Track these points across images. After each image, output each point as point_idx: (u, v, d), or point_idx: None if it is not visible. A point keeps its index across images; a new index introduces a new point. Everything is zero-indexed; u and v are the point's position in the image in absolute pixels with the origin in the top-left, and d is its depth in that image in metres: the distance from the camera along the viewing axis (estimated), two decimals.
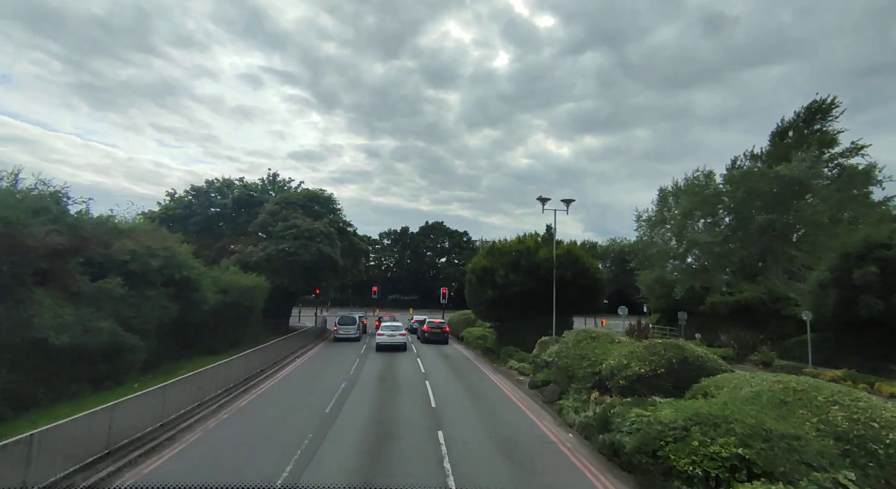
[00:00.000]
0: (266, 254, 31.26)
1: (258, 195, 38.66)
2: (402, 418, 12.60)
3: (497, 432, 11.45)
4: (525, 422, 12.62)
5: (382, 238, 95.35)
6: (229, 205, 37.85)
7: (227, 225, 37.33)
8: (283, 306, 35.36)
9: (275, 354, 21.89)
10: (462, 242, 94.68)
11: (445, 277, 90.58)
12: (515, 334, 23.79)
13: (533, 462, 9.56)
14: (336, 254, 33.49)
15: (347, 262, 36.66)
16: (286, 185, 40.31)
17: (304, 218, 33.90)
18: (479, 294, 24.25)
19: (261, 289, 26.18)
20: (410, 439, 10.74)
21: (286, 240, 32.13)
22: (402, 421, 12.33)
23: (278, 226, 32.92)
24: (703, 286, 33.06)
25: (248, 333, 25.54)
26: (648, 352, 12.43)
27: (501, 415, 13.24)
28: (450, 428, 11.67)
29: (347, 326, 32.73)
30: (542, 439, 11.07)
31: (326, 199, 37.58)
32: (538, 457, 9.82)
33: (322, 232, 32.81)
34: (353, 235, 38.90)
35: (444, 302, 48.86)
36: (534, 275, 23.27)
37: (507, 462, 9.46)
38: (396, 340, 27.24)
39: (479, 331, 31.65)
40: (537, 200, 23.79)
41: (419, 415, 12.99)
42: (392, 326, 28.08)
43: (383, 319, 38.55)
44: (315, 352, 26.95)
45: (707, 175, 37.94)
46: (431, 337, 32.29)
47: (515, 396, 16.58)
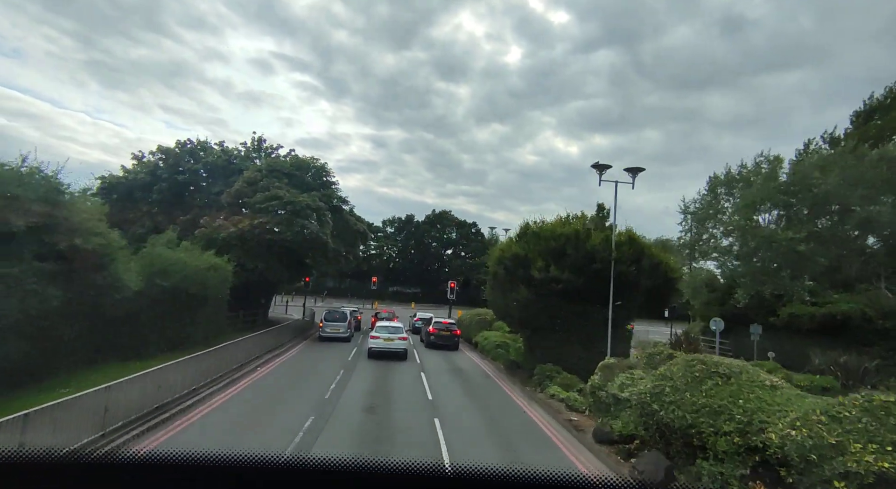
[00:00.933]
0: (238, 230, 25.20)
1: (239, 162, 32.56)
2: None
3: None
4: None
5: (385, 225, 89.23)
6: (202, 171, 31.78)
7: (199, 195, 31.29)
8: (260, 295, 29.32)
9: (224, 362, 15.88)
10: (470, 234, 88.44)
11: (452, 270, 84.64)
12: (555, 347, 17.71)
13: None
14: (326, 234, 27.38)
15: (340, 245, 30.57)
16: (274, 151, 34.15)
17: (289, 189, 27.79)
18: (507, 291, 18.13)
19: (221, 274, 20.14)
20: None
21: (265, 213, 26.05)
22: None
23: (256, 196, 26.83)
24: (775, 293, 26.78)
25: (200, 330, 19.54)
26: (886, 424, 6.29)
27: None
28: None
29: (335, 323, 26.68)
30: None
31: (318, 169, 31.41)
32: None
33: (309, 206, 26.69)
34: (348, 214, 32.77)
35: (452, 297, 42.79)
36: (584, 270, 17.11)
37: None
38: (395, 346, 21.21)
39: (496, 337, 25.58)
40: (592, 168, 17.57)
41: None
42: (390, 327, 22.01)
43: (380, 315, 32.47)
44: (287, 358, 20.91)
45: (773, 160, 31.61)
46: (438, 341, 26.25)
47: (575, 451, 10.56)
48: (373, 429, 11.16)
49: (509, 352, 22.63)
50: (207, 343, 18.40)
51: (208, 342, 18.87)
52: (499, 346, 23.73)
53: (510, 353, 22.44)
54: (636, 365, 13.15)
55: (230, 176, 30.89)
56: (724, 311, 31.55)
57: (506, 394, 16.36)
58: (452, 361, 22.87)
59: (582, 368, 17.35)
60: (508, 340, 24.53)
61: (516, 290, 17.60)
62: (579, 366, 17.39)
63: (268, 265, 25.48)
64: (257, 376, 16.50)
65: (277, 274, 26.13)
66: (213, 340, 19.85)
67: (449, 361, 22.78)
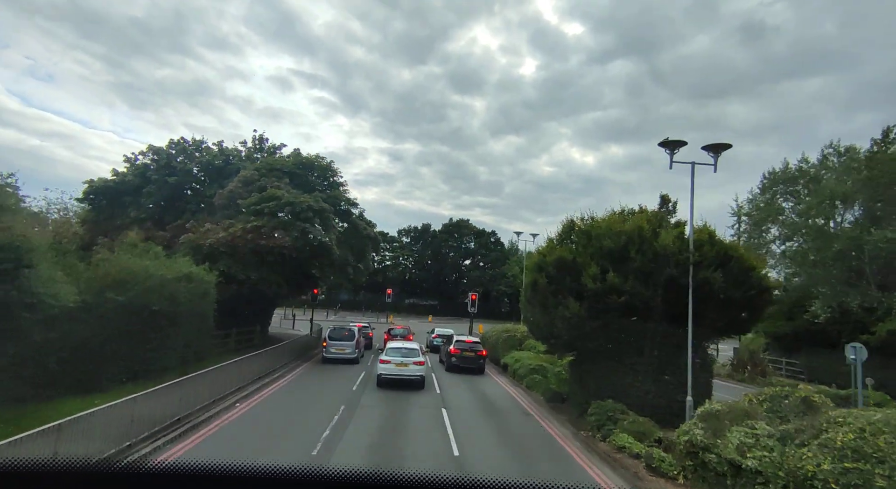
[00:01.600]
0: (229, 235, 21.84)
1: (237, 162, 29.41)
2: None
3: None
4: None
5: (401, 235, 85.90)
6: (197, 172, 28.70)
7: (193, 198, 28.17)
8: (257, 310, 25.85)
9: (190, 399, 12.27)
10: (489, 243, 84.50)
11: (470, 281, 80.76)
12: (612, 377, 13.70)
13: None
14: (331, 239, 23.87)
15: (348, 253, 27.02)
16: (277, 150, 30.95)
17: (289, 189, 24.46)
18: (549, 306, 14.22)
19: (199, 286, 16.68)
20: None
21: (260, 216, 22.68)
22: None
23: (252, 197, 23.51)
24: (865, 306, 22.29)
25: (174, 354, 16.04)
26: None
27: None
28: None
29: (340, 343, 23.01)
30: None
31: (323, 168, 28.07)
32: None
33: (311, 207, 23.25)
34: (358, 219, 29.26)
35: (473, 310, 38.86)
36: (653, 277, 13.17)
37: None
38: (409, 373, 17.43)
39: (529, 359, 21.60)
40: (660, 146, 13.72)
41: None
42: (403, 349, 18.20)
43: (393, 332, 28.72)
44: (279, 389, 17.25)
45: (848, 150, 27.33)
46: (461, 363, 22.36)
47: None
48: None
49: (549, 380, 18.63)
50: (184, 369, 14.95)
51: (185, 368, 15.41)
52: (534, 371, 19.74)
53: (550, 381, 18.44)
54: (753, 412, 9.13)
55: (228, 177, 27.69)
56: (794, 327, 27.04)
57: (555, 442, 12.38)
58: (480, 390, 18.95)
59: (651, 405, 13.35)
60: (545, 363, 20.53)
61: (563, 304, 13.69)
62: (648, 402, 13.37)
63: (262, 276, 22.02)
64: (231, 417, 12.83)
65: (274, 286, 22.63)
66: (193, 366, 16.40)
67: (475, 390, 18.87)
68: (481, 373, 22.79)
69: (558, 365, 20.78)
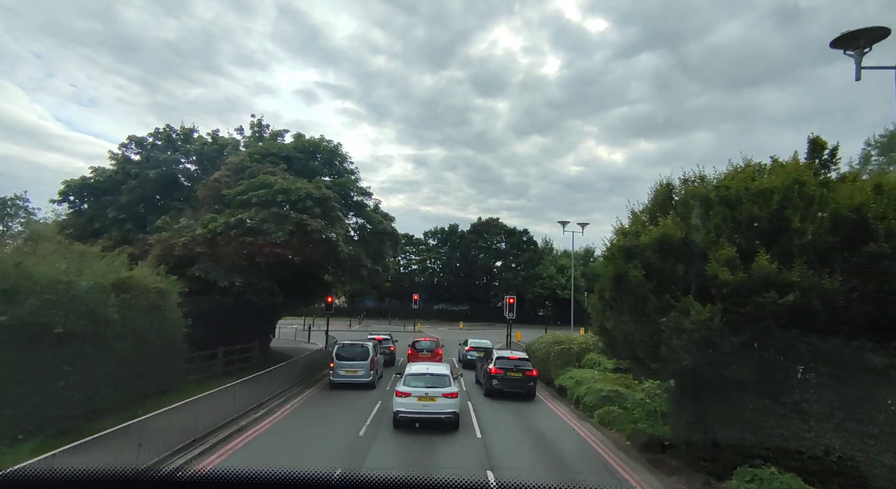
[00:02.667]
0: (208, 232, 17.48)
1: (231, 151, 25.24)
2: None
3: None
4: None
5: (427, 238, 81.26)
6: (184, 163, 24.65)
7: (179, 194, 24.09)
8: (252, 323, 21.37)
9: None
10: (521, 243, 78.80)
11: (502, 284, 75.47)
12: (763, 423, 8.45)
13: None
14: (336, 234, 19.21)
15: (361, 252, 22.33)
16: (279, 137, 26.60)
17: (286, 175, 19.98)
18: (650, 310, 9.08)
19: (143, 297, 12.15)
20: None
21: (248, 208, 18.26)
22: None
23: (240, 185, 19.14)
24: None
25: (108, 390, 11.53)
26: None
27: None
28: None
29: (351, 364, 18.28)
30: None
31: (330, 152, 23.55)
32: None
33: (310, 196, 18.68)
34: (372, 212, 24.58)
35: (511, 315, 33.72)
36: (836, 260, 7.85)
37: None
38: (437, 410, 12.47)
39: (596, 380, 16.36)
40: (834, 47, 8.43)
41: None
42: (427, 376, 13.19)
43: (418, 345, 23.86)
44: (258, 436, 12.53)
45: None
46: (505, 387, 17.26)
47: None
48: None
49: (632, 414, 13.36)
50: (133, 411, 10.53)
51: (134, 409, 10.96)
52: (608, 400, 14.48)
53: (635, 416, 13.17)
54: None
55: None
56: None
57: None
58: (535, 429, 13.82)
59: (833, 470, 8.01)
60: (619, 388, 15.24)
61: (678, 309, 8.50)
62: (829, 465, 8.03)
63: (250, 281, 17.52)
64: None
65: (266, 293, 18.03)
66: (152, 402, 12.03)
67: (530, 429, 13.76)
68: (531, 399, 17.64)
69: (638, 389, 15.47)
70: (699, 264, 8.80)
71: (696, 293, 8.59)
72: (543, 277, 71.69)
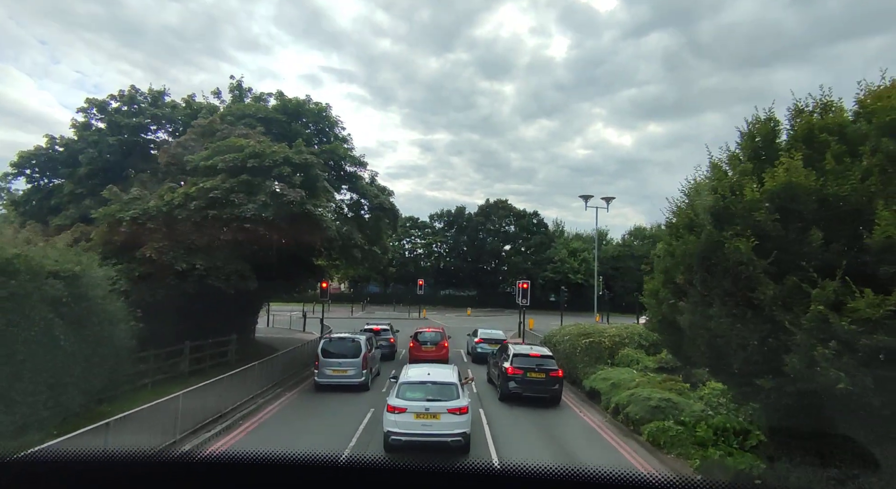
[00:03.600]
0: (164, 204, 14.40)
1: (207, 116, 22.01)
2: None
3: None
4: None
5: (433, 220, 77.98)
6: (152, 130, 21.51)
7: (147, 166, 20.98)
8: (227, 313, 18.34)
9: None
10: (531, 225, 75.23)
11: (511, 268, 72.41)
12: None
13: None
14: (320, 205, 16.06)
15: (353, 229, 19.20)
16: (262, 100, 23.21)
17: (262, 139, 16.77)
18: (756, 303, 5.90)
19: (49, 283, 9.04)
20: None
21: (213, 175, 15.13)
22: None
23: (205, 150, 15.99)
24: None
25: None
26: None
27: None
28: None
29: (339, 362, 15.29)
30: None
31: (316, 114, 20.29)
32: None
33: (289, 161, 15.49)
34: (368, 185, 21.34)
35: (524, 302, 30.67)
36: None
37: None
38: (441, 432, 9.42)
39: (637, 383, 13.25)
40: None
41: None
42: (428, 385, 10.06)
43: (421, 337, 20.84)
44: None
45: None
46: (525, 390, 14.18)
47: None
48: None
49: (696, 434, 10.23)
50: (36, 435, 7.63)
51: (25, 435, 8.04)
52: (659, 412, 11.34)
53: (700, 437, 10.04)
54: None
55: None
56: None
57: None
58: (567, 448, 10.78)
59: None
60: (671, 395, 12.10)
61: (817, 299, 5.28)
62: None
63: (215, 263, 14.44)
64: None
65: (231, 277, 14.84)
66: (70, 422, 9.15)
67: (560, 450, 10.70)
68: (556, 405, 14.60)
69: (692, 396, 12.37)
70: (849, 229, 5.55)
71: (848, 275, 5.36)
72: (555, 261, 68.48)
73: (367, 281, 72.88)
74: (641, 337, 16.59)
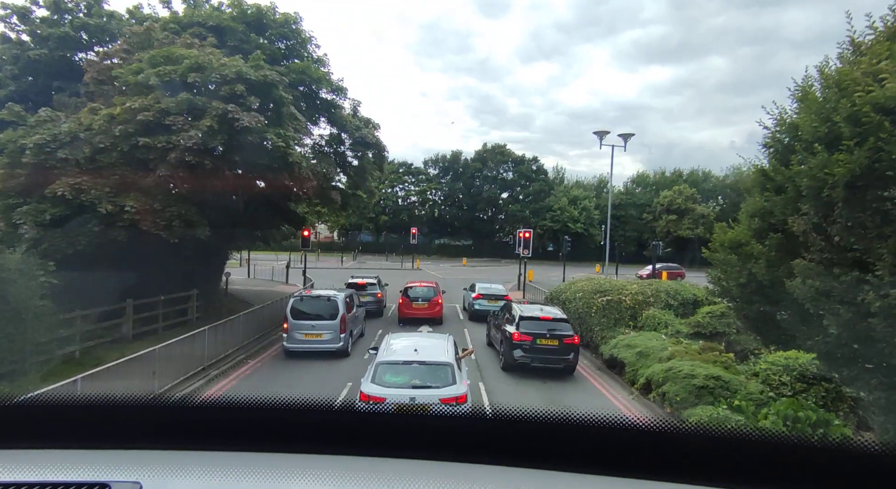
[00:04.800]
0: (81, 128, 11.28)
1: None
2: None
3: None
4: None
5: (428, 166, 74.03)
6: (85, 42, 17.84)
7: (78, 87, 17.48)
8: (182, 266, 15.53)
9: None
10: (530, 172, 71.59)
11: (508, 217, 69.90)
12: None
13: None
14: (286, 137, 12.93)
15: (332, 168, 16.16)
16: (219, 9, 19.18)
17: (213, 52, 13.33)
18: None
19: None
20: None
21: (144, 93, 11.90)
22: None
23: (135, 63, 12.62)
24: None
25: None
26: None
27: None
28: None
29: (313, 324, 12.82)
30: None
31: (281, 24, 16.65)
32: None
33: (243, 78, 12.22)
34: (350, 117, 18.01)
35: (525, 252, 28.33)
36: None
37: None
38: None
39: (663, 349, 10.90)
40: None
41: None
42: (414, 366, 7.61)
43: (411, 292, 18.37)
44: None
45: None
46: (536, 360, 11.84)
47: None
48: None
49: (758, 424, 7.92)
50: None
51: None
52: (706, 391, 9.03)
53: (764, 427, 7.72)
54: None
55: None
56: None
57: None
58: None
59: None
60: (719, 370, 9.72)
61: None
62: None
63: (152, 204, 11.50)
64: None
65: (174, 221, 11.90)
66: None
67: None
68: (571, 375, 12.35)
69: (741, 370, 10.04)
70: None
71: None
72: (554, 209, 65.73)
73: (358, 229, 70.17)
74: (669, 295, 14.16)
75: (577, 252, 50.72)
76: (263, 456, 1.19)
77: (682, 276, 41.55)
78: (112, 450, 1.19)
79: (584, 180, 76.62)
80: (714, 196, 69.95)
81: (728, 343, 11.38)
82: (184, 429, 1.25)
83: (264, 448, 1.20)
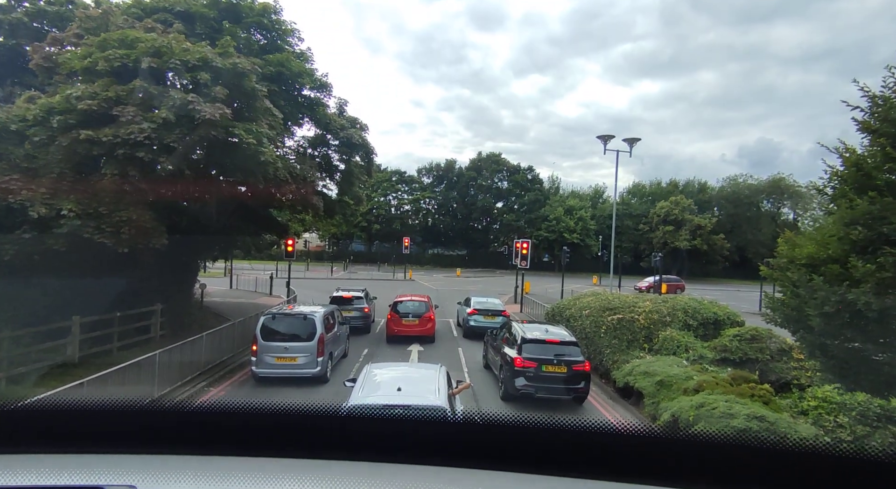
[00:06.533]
0: (15, 120, 9.68)
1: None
2: None
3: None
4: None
5: (421, 175, 72.65)
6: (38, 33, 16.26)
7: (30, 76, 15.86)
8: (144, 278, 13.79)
9: None
10: (525, 181, 70.39)
11: (503, 227, 68.61)
12: None
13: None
14: (255, 134, 11.36)
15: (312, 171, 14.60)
16: None
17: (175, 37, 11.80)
18: None
19: None
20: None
21: (91, 80, 10.34)
22: None
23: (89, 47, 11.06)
24: None
25: None
26: None
27: None
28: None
29: (285, 346, 11.17)
30: None
31: (258, 13, 15.17)
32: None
33: (210, 65, 10.70)
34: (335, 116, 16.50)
35: (523, 264, 26.89)
36: None
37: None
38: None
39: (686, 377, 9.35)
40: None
41: None
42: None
43: (400, 308, 16.71)
44: None
45: None
46: (541, 390, 10.24)
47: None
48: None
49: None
50: None
51: None
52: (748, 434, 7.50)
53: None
54: None
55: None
56: None
57: None
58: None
59: None
60: (762, 409, 8.19)
61: None
62: None
63: (96, 209, 9.85)
64: None
65: (123, 229, 10.23)
66: None
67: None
68: (580, 405, 10.77)
69: (783, 407, 8.53)
70: None
71: None
72: (549, 219, 64.42)
73: (350, 238, 68.48)
74: (687, 314, 12.65)
75: (572, 263, 49.29)
76: (257, 460, 1.20)
77: (682, 289, 40.20)
78: (106, 454, 1.20)
79: (580, 190, 75.61)
80: (710, 207, 69.04)
81: (764, 372, 9.86)
82: (177, 433, 1.26)
83: (258, 452, 1.21)
